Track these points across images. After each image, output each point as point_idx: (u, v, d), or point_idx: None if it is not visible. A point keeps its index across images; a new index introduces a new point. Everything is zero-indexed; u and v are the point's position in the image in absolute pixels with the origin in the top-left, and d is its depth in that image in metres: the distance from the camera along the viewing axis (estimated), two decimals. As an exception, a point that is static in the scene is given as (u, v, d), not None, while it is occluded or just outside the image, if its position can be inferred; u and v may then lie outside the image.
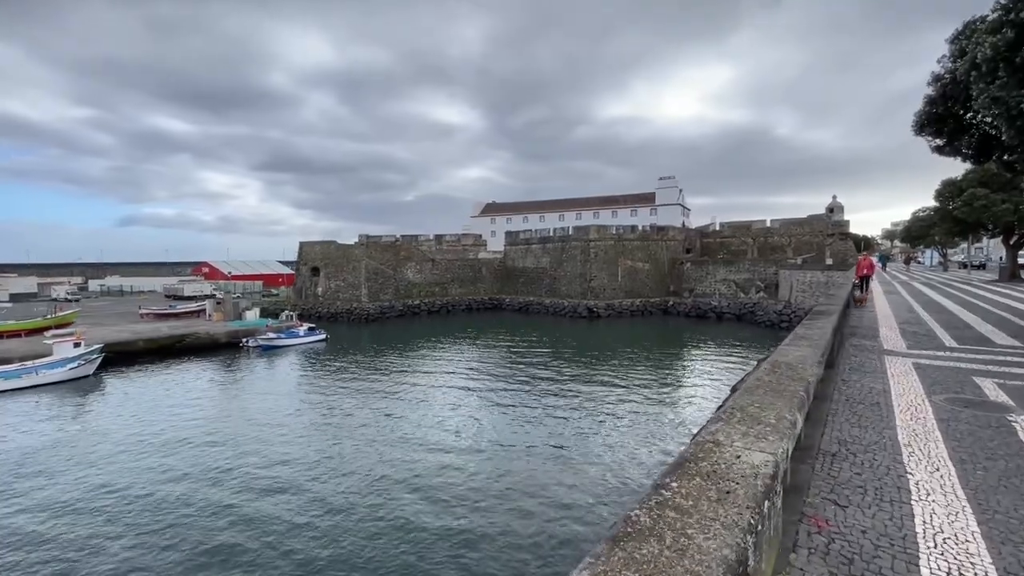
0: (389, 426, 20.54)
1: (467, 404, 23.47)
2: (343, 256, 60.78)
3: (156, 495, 14.63)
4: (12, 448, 18.66)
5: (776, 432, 3.61)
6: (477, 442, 18.40)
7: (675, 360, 33.26)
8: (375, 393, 25.84)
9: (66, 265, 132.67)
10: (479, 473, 15.63)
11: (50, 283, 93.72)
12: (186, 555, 11.69)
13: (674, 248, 63.33)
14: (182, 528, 12.82)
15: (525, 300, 64.00)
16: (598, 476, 15.21)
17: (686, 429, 18.81)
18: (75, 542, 12.20)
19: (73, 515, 13.51)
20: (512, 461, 16.56)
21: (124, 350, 33.94)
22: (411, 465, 16.43)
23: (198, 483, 15.46)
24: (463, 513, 13.18)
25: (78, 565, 11.27)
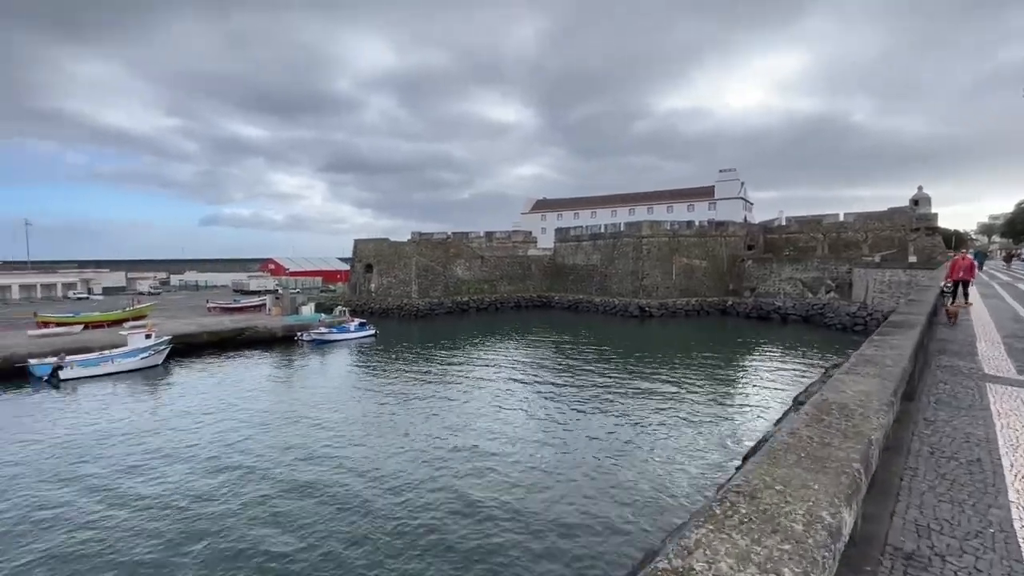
0: (435, 423, 20.36)
1: (514, 404, 22.86)
2: (395, 253, 61.95)
3: (213, 479, 15.21)
4: (90, 431, 20.00)
5: (801, 557, 2.02)
6: (523, 443, 17.74)
7: (733, 365, 31.06)
8: (422, 390, 25.77)
9: (152, 261, 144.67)
10: (524, 475, 15.01)
11: (136, 278, 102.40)
12: (240, 534, 12.09)
13: (734, 245, 59.77)
14: (234, 510, 13.21)
15: (575, 298, 62.64)
16: (644, 490, 14.08)
17: (741, 446, 17.21)
18: (140, 519, 12.64)
19: (138, 494, 14.08)
20: (558, 465, 15.81)
21: (190, 342, 35.97)
22: (457, 463, 16.17)
23: (250, 469, 15.91)
24: (507, 516, 12.76)
25: (141, 541, 11.61)
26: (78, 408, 23.38)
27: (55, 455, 17.49)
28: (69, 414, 22.48)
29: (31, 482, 15.34)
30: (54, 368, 28.03)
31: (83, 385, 27.39)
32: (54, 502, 13.95)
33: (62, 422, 21.29)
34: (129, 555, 11.40)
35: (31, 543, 11.94)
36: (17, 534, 12.38)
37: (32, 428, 20.44)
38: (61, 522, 12.87)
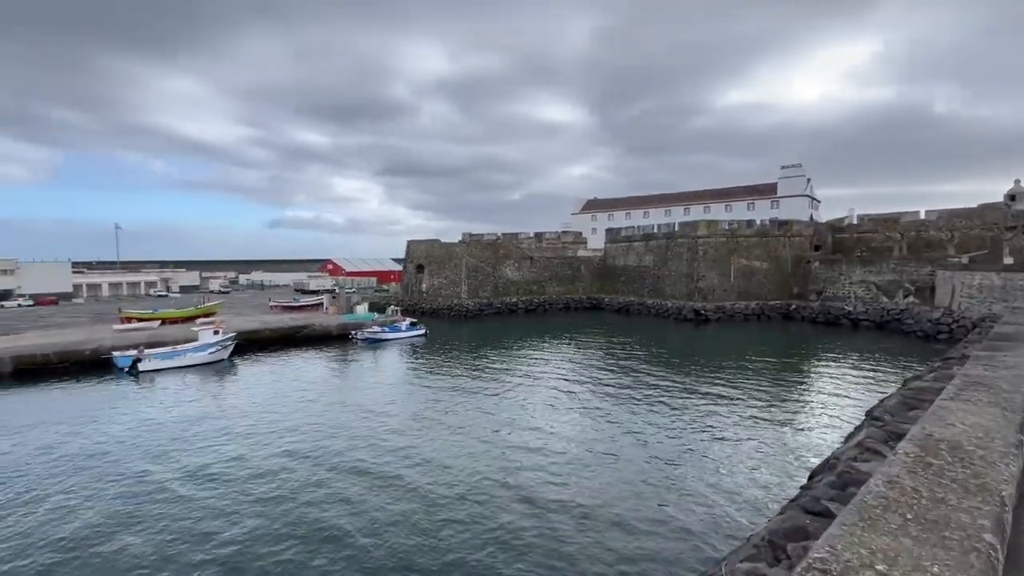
0: (485, 421, 20.38)
1: (563, 407, 22.43)
2: (445, 254, 62.83)
3: (271, 467, 15.94)
4: (164, 419, 21.42)
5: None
6: (573, 447, 17.33)
7: (798, 372, 29.06)
8: (471, 390, 25.84)
9: (223, 262, 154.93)
10: (574, 478, 14.64)
11: (209, 277, 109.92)
12: (294, 519, 12.76)
13: (799, 245, 56.26)
14: (290, 497, 13.85)
15: (625, 300, 61.10)
16: (699, 502, 13.26)
17: (805, 461, 15.91)
18: (207, 501, 13.35)
19: (205, 479, 14.87)
20: (608, 469, 15.31)
21: (253, 338, 37.93)
22: (508, 461, 16.09)
23: (305, 459, 16.64)
24: (556, 519, 12.54)
25: (205, 523, 12.24)
26: (153, 398, 25.12)
27: (135, 439, 18.85)
28: (145, 403, 24.18)
29: (116, 461, 16.57)
30: (134, 360, 30.29)
31: (159, 376, 29.44)
32: (133, 479, 14.94)
33: (140, 410, 22.95)
34: (195, 527, 11.96)
35: (116, 512, 12.79)
36: (106, 506, 13.30)
37: (115, 415, 22.14)
38: (139, 496, 13.76)
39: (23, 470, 16.19)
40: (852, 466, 10.61)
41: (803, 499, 9.70)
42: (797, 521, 8.62)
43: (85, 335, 36.84)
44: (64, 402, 24.67)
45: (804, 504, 9.23)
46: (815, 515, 8.75)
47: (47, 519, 12.97)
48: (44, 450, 17.90)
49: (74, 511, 13.38)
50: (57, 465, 16.54)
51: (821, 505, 8.93)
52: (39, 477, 15.65)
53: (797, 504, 9.54)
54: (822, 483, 10.41)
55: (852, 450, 12.10)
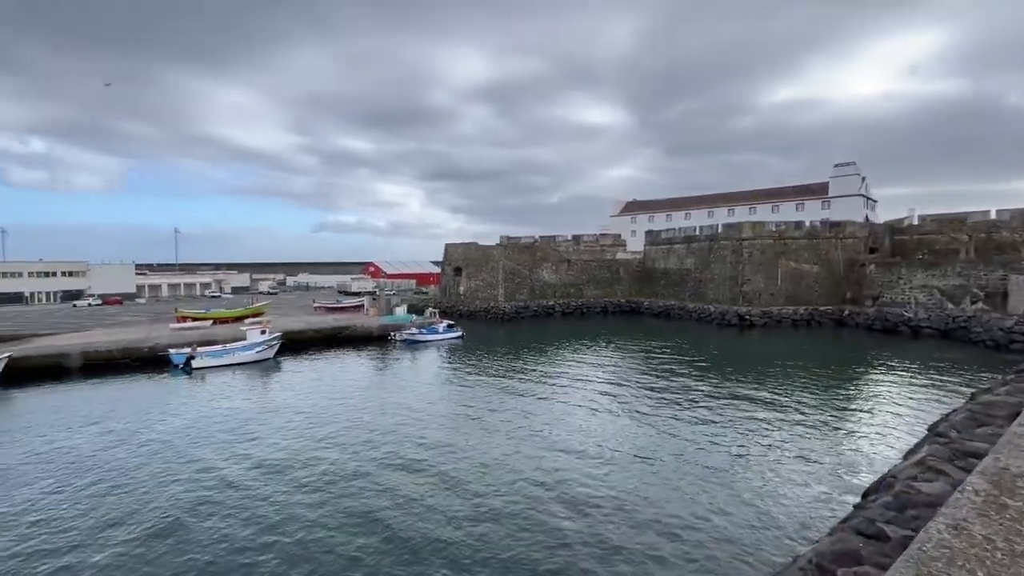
0: (520, 424, 20.38)
1: (600, 413, 22.05)
2: (483, 257, 63.20)
3: (317, 459, 16.61)
4: (216, 414, 22.52)
5: None
6: (610, 454, 16.99)
7: (851, 382, 27.42)
8: (507, 393, 25.82)
9: (272, 264, 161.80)
10: (611, 487, 14.34)
11: (259, 279, 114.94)
12: (335, 508, 13.60)
13: (853, 247, 53.34)
14: (336, 488, 14.63)
15: (666, 304, 59.64)
16: (741, 517, 12.65)
17: (859, 478, 14.93)
18: (257, 490, 13.91)
19: (259, 470, 15.48)
20: (645, 479, 14.90)
21: (297, 338, 39.27)
22: (543, 463, 16.06)
23: (348, 453, 17.37)
24: (593, 521, 12.52)
25: (250, 509, 12.73)
26: (205, 394, 26.38)
27: (191, 431, 19.94)
28: (198, 399, 25.44)
29: (177, 451, 17.58)
30: (187, 358, 31.94)
31: (210, 373, 30.90)
32: (185, 469, 15.69)
33: (194, 405, 24.22)
34: (253, 514, 12.41)
35: (168, 497, 13.46)
36: (156, 493, 14.02)
37: (173, 409, 23.47)
38: (201, 484, 14.48)
39: (98, 457, 17.38)
40: (912, 486, 9.84)
41: (856, 520, 9.05)
42: (849, 544, 8.04)
43: (145, 333, 39.16)
44: (127, 396, 26.26)
45: (857, 525, 8.61)
46: (869, 538, 8.14)
47: (122, 505, 13.87)
48: (115, 441, 19.13)
49: (145, 498, 14.29)
50: (124, 453, 17.66)
51: (876, 527, 8.30)
52: (112, 464, 16.78)
53: (849, 525, 8.91)
54: (877, 503, 9.70)
55: (912, 468, 11.24)
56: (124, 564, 11.13)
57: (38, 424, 21.27)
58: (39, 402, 25.28)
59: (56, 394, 26.75)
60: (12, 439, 19.55)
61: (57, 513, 13.51)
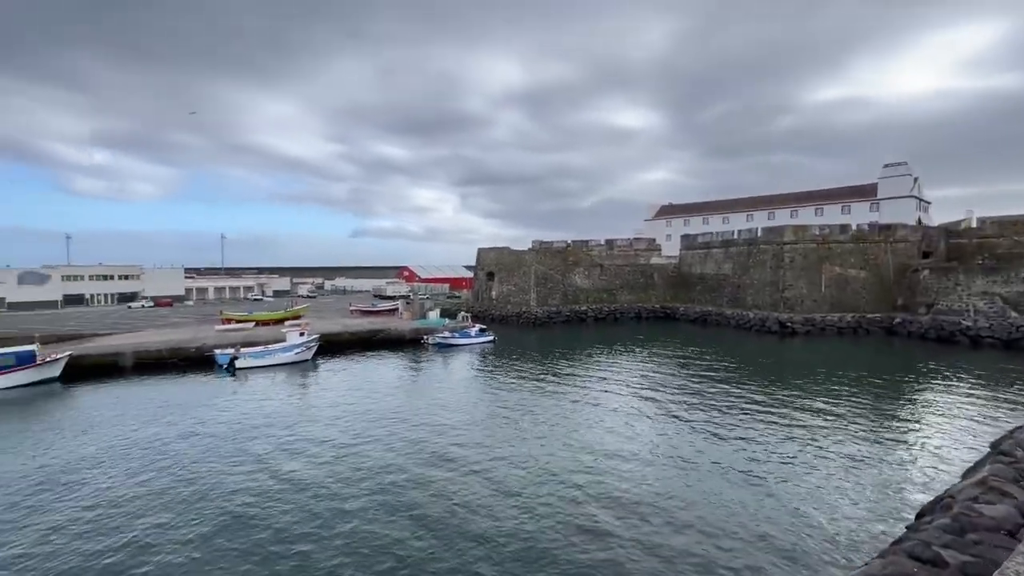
0: (555, 428, 20.28)
1: (635, 418, 21.65)
2: (515, 261, 63.27)
3: (356, 459, 17.11)
4: (259, 412, 23.33)
5: None
6: (643, 463, 16.58)
7: (903, 395, 25.91)
8: (538, 398, 25.68)
9: (312, 268, 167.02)
10: (644, 496, 13.95)
11: (299, 283, 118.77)
12: (379, 502, 14.15)
13: (904, 251, 50.67)
14: (375, 483, 15.21)
15: (703, 310, 58.11)
16: (782, 535, 12.08)
17: (912, 498, 14.03)
18: (302, 480, 14.29)
19: (290, 468, 15.93)
20: (681, 491, 14.42)
21: (334, 340, 40.25)
22: (574, 474, 15.77)
23: (386, 452, 17.77)
24: (623, 535, 12.11)
25: (299, 503, 13.12)
26: (249, 393, 27.34)
27: (238, 428, 20.79)
28: (243, 397, 26.45)
29: (223, 447, 18.23)
30: (231, 359, 33.18)
31: (252, 373, 32.02)
32: (237, 462, 16.29)
33: (240, 403, 25.27)
34: (272, 515, 12.75)
35: (215, 495, 13.99)
36: (213, 483, 14.59)
37: (222, 405, 24.61)
38: (243, 476, 14.95)
39: (161, 450, 18.36)
40: (972, 508, 9.18)
41: (910, 542, 8.48)
42: (902, 568, 7.55)
43: (192, 334, 41.00)
44: (178, 393, 27.47)
45: (911, 549, 8.06)
46: (925, 563, 7.62)
47: (187, 496, 14.57)
48: (176, 435, 20.08)
49: (203, 488, 15.09)
50: (184, 446, 18.61)
51: (932, 552, 7.75)
52: (174, 456, 17.79)
53: (902, 548, 8.35)
54: (933, 525, 9.07)
55: (972, 488, 10.50)
56: (186, 549, 11.69)
57: (103, 419, 22.56)
58: (98, 398, 26.76)
59: (113, 391, 28.27)
60: (80, 432, 20.78)
61: (130, 499, 14.47)
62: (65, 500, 14.51)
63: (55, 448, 18.94)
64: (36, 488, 15.37)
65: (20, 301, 71.43)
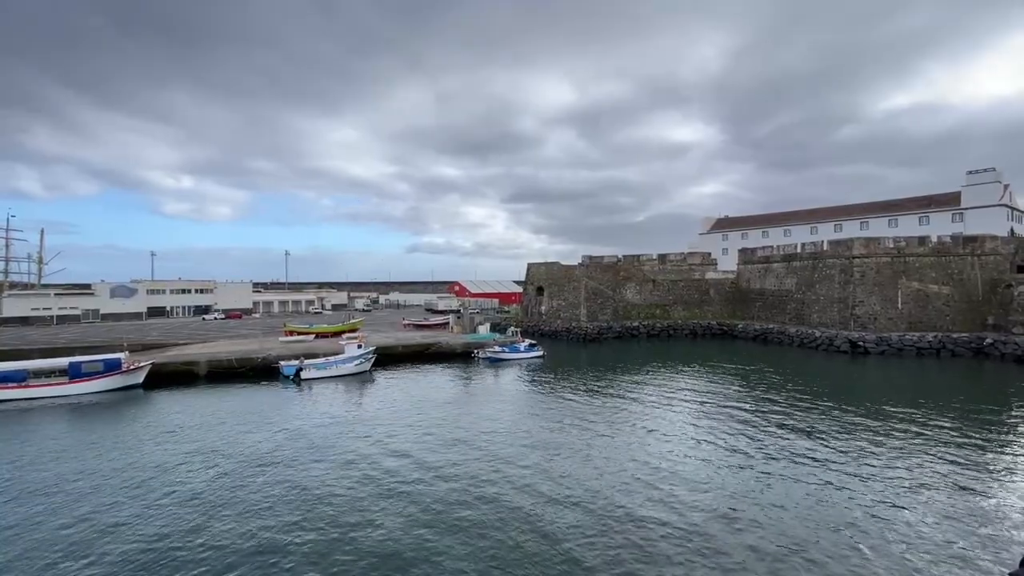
0: (607, 446, 19.78)
1: (692, 440, 20.82)
2: (565, 276, 62.96)
3: (421, 463, 17.30)
4: (328, 420, 24.51)
5: None
6: (703, 490, 15.81)
7: (999, 424, 23.38)
8: (590, 413, 25.39)
9: (368, 283, 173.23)
10: (705, 524, 13.23)
11: (356, 297, 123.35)
12: (435, 512, 14.25)
13: (994, 265, 46.31)
14: (431, 492, 15.24)
15: (763, 327, 55.33)
16: None
17: (1015, 539, 12.56)
18: (358, 494, 14.82)
19: (354, 471, 16.47)
20: (758, 510, 13.64)
21: (389, 352, 41.42)
22: (626, 494, 15.28)
23: (446, 461, 17.81)
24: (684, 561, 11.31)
25: (347, 504, 13.51)
26: (317, 402, 28.73)
27: (308, 437, 21.81)
28: (313, 406, 27.86)
29: (288, 455, 19.19)
30: (297, 370, 34.77)
31: (316, 383, 33.44)
32: (301, 473, 17.06)
33: (309, 412, 26.54)
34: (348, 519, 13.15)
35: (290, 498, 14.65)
36: (276, 495, 15.33)
37: (289, 415, 25.87)
38: (305, 487, 15.60)
39: (248, 453, 19.60)
40: (1097, 556, 8.08)
41: (1020, 591, 7.55)
42: (1013, 620, 6.72)
43: (258, 345, 43.40)
44: (249, 402, 29.10)
45: (1022, 598, 7.17)
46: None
47: (265, 498, 15.31)
48: (258, 440, 21.38)
49: (283, 488, 15.89)
50: (264, 449, 19.60)
51: (1050, 603, 6.86)
52: (262, 459, 18.85)
53: (1011, 596, 7.45)
54: (1048, 573, 8.04)
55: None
56: (263, 535, 12.24)
57: (184, 424, 24.28)
58: (179, 404, 28.77)
59: (189, 397, 30.33)
60: (169, 437, 22.41)
61: (220, 496, 15.61)
62: (156, 497, 15.61)
63: (143, 449, 20.50)
64: (129, 486, 16.65)
65: (111, 312, 78.35)
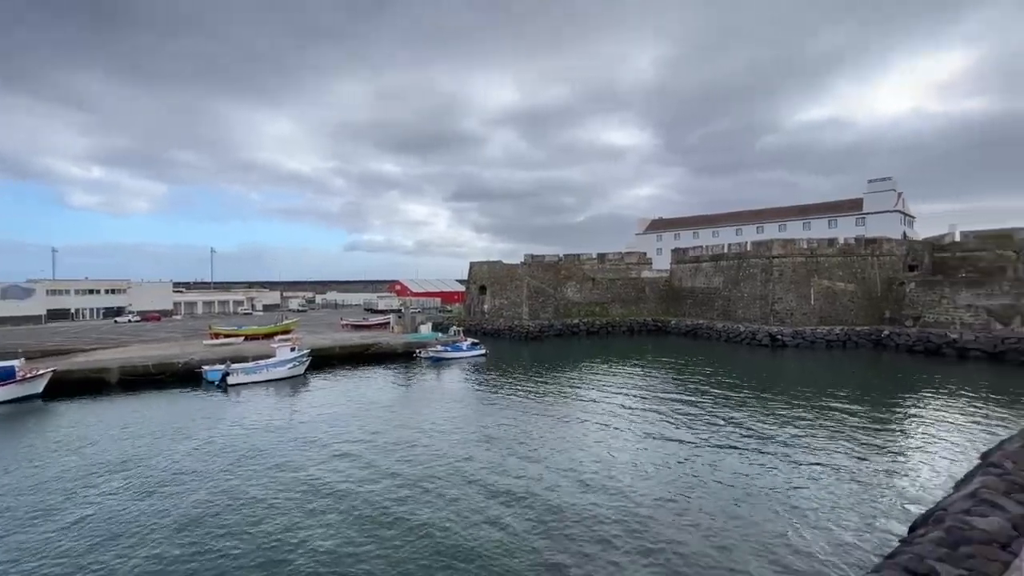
0: (545, 441, 19.95)
1: (626, 431, 21.54)
2: (507, 275, 63.39)
3: (342, 479, 16.29)
4: (254, 428, 22.86)
5: None
6: (635, 471, 16.47)
7: (893, 408, 26.12)
8: (531, 410, 25.58)
9: (302, 283, 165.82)
10: (635, 511, 13.76)
11: (289, 296, 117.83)
12: (370, 520, 13.39)
13: (891, 265, 51.50)
14: (366, 499, 14.17)
15: (693, 323, 58.43)
16: (771, 551, 12.04)
17: (905, 511, 14.09)
18: (285, 504, 13.99)
19: (290, 476, 15.63)
20: (670, 506, 14.29)
21: (325, 355, 39.88)
22: (565, 489, 15.46)
23: (380, 467, 17.04)
24: (625, 538, 11.74)
25: (310, 519, 12.80)
26: (245, 409, 26.89)
27: (230, 446, 20.27)
28: (239, 413, 26.03)
29: (219, 465, 17.83)
30: (223, 375, 32.64)
31: (244, 389, 31.55)
32: (233, 482, 15.97)
33: (238, 419, 24.82)
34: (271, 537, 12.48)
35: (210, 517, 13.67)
36: (193, 512, 14.26)
37: (216, 423, 24.00)
38: (233, 497, 14.62)
39: (161, 466, 17.83)
40: (965, 521, 9.25)
41: (904, 556, 8.51)
42: (898, 583, 7.56)
43: (180, 349, 40.42)
44: (167, 410, 26.91)
45: (906, 563, 8.08)
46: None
47: (180, 516, 14.09)
48: (164, 453, 19.60)
49: (209, 507, 14.51)
50: (179, 463, 18.07)
51: (927, 566, 7.78)
52: (172, 473, 17.22)
53: (897, 562, 8.37)
54: (927, 538, 9.12)
55: (963, 500, 10.58)
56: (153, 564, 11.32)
57: (89, 437, 22.00)
58: (82, 415, 26.16)
59: (98, 407, 27.66)
60: (63, 451, 20.27)
61: (115, 516, 14.03)
62: (53, 520, 14.12)
63: (47, 467, 18.47)
64: (36, 510, 14.95)
65: (4, 316, 70.09)
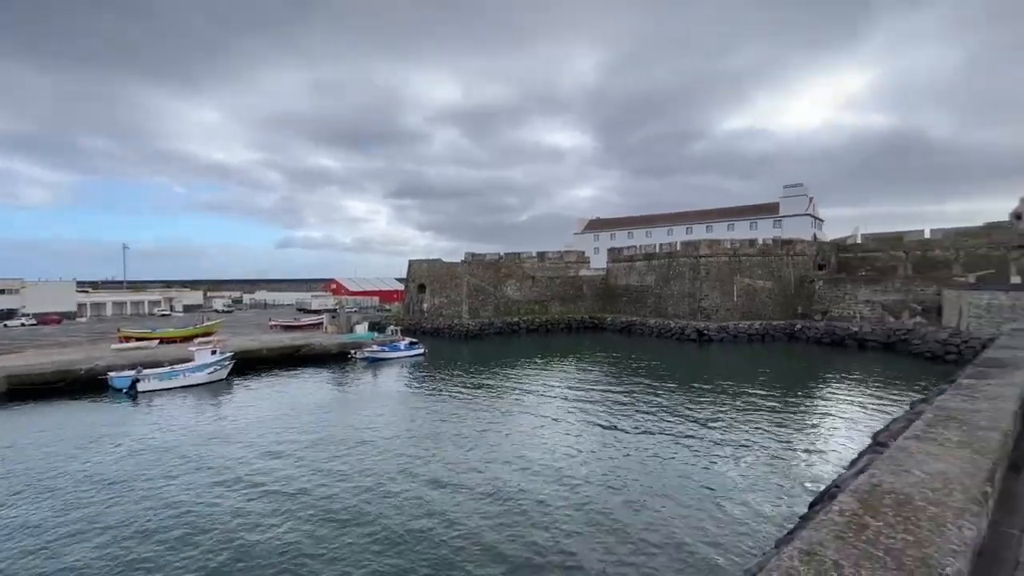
0: (481, 440, 19.90)
1: (561, 429, 21.92)
2: (447, 274, 62.79)
3: (263, 490, 15.36)
4: (163, 442, 20.98)
5: None
6: (569, 470, 16.77)
7: (801, 395, 28.39)
8: (468, 408, 25.45)
9: (230, 281, 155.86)
10: (567, 504, 14.01)
11: (214, 296, 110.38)
12: (296, 535, 12.16)
13: (803, 264, 55.86)
14: (290, 512, 13.36)
15: (628, 320, 60.58)
16: (690, 530, 12.72)
17: (805, 490, 15.34)
18: (212, 516, 12.94)
19: (212, 491, 14.48)
20: (600, 495, 14.71)
21: (252, 357, 37.68)
22: (501, 487, 15.47)
23: (297, 483, 15.97)
24: (539, 533, 11.82)
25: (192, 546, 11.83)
26: (156, 418, 24.77)
27: (132, 463, 18.46)
28: (150, 423, 23.91)
29: (118, 483, 16.21)
30: (133, 381, 29.97)
31: (157, 397, 29.14)
32: (122, 503, 14.56)
33: (148, 429, 22.75)
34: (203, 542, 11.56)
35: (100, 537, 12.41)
36: (82, 530, 12.92)
37: (113, 437, 21.71)
38: (134, 523, 13.35)
39: (49, 486, 15.88)
40: (853, 495, 10.13)
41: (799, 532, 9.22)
42: (793, 555, 8.16)
43: (83, 354, 36.74)
44: (61, 423, 24.31)
45: (801, 536, 8.76)
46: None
47: (53, 539, 12.63)
48: (44, 471, 17.61)
49: (81, 530, 13.04)
50: (60, 485, 16.24)
51: (818, 538, 8.45)
52: (44, 498, 15.34)
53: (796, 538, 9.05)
54: (821, 513, 9.93)
55: (854, 478, 11.63)
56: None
57: (-47, 456, 19.43)
58: (-44, 432, 23.12)
59: (-23, 422, 24.56)
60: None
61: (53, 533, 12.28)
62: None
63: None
64: None
65: None
